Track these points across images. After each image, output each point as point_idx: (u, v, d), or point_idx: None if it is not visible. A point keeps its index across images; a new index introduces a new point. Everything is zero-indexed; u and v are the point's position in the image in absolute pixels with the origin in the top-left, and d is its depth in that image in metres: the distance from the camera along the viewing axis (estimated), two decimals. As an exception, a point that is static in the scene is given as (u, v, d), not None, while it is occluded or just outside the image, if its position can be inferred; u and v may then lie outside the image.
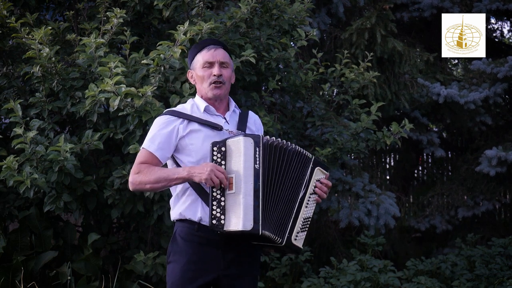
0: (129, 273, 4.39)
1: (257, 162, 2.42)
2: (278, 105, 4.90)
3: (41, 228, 4.44)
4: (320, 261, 5.63)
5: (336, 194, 5.30)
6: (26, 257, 4.37)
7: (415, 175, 8.00)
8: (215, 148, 2.44)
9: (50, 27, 4.08)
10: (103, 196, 4.06)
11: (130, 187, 2.54)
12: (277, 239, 2.43)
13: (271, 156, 2.46)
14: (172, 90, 4.01)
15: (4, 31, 4.33)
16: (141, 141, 3.81)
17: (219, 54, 2.58)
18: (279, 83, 4.57)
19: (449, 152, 7.65)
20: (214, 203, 2.42)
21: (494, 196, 6.35)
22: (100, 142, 3.91)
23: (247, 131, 2.61)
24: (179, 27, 3.85)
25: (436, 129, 7.60)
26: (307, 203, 2.51)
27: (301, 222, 2.48)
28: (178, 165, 2.56)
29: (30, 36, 3.98)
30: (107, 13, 4.13)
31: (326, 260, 5.57)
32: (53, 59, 3.95)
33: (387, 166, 8.02)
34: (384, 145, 4.73)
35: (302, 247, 2.53)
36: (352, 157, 6.18)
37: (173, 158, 2.58)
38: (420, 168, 8.08)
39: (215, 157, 2.43)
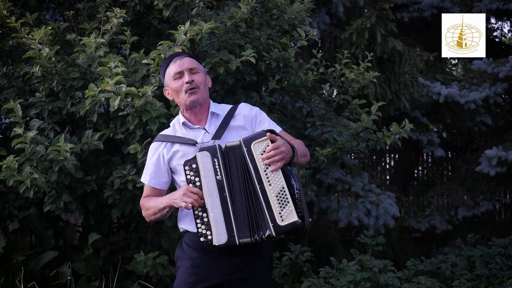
0: (129, 273, 4.39)
1: (218, 173, 2.40)
2: (278, 105, 4.90)
3: (41, 228, 4.44)
4: (320, 261, 5.63)
5: (336, 194, 5.31)
6: (26, 257, 4.37)
7: (415, 175, 8.00)
8: (186, 167, 2.45)
9: (50, 27, 4.07)
10: (103, 196, 4.06)
11: (147, 220, 2.72)
12: (263, 236, 2.37)
13: (229, 161, 2.42)
14: (172, 90, 4.01)
15: (4, 31, 4.32)
16: (141, 141, 3.82)
17: (185, 62, 2.59)
18: (279, 83, 4.57)
19: (449, 152, 7.65)
20: (198, 221, 2.43)
21: (494, 196, 6.34)
22: (100, 142, 3.91)
23: (230, 132, 2.57)
24: (179, 27, 3.85)
25: (436, 129, 7.60)
26: (268, 181, 2.36)
27: (276, 201, 2.35)
28: (179, 185, 2.62)
29: (30, 36, 3.98)
30: (107, 13, 4.13)
31: (326, 260, 5.57)
32: (53, 59, 3.94)
33: (387, 166, 8.02)
34: (384, 145, 4.72)
35: (297, 219, 2.33)
36: (352, 157, 6.18)
37: (174, 179, 2.65)
38: (420, 168, 8.08)
39: (188, 176, 2.45)
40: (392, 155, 8.00)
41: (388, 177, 7.90)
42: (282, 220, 2.34)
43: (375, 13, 5.90)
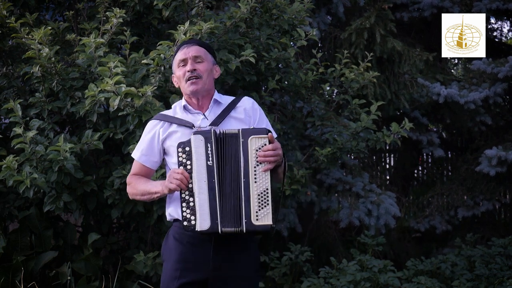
0: (129, 273, 4.39)
1: (210, 159, 2.39)
2: (278, 105, 4.90)
3: (41, 228, 4.44)
4: (320, 261, 5.62)
5: (336, 194, 5.31)
6: (26, 257, 4.37)
7: (415, 175, 8.00)
8: (179, 149, 2.43)
9: (50, 27, 4.08)
10: (103, 196, 4.06)
11: (130, 197, 2.68)
12: (237, 229, 2.38)
13: (223, 149, 2.42)
14: (172, 90, 4.02)
15: (4, 31, 4.32)
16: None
17: (191, 50, 2.59)
18: (279, 83, 4.57)
19: (449, 152, 7.64)
20: (184, 204, 2.42)
21: (494, 196, 6.34)
22: (100, 142, 3.91)
23: (229, 122, 2.57)
24: (179, 27, 3.85)
25: (436, 129, 7.60)
26: (255, 178, 2.38)
27: (257, 200, 2.37)
28: (170, 168, 2.60)
29: (30, 36, 3.98)
30: (107, 13, 4.13)
31: (326, 260, 5.57)
32: (53, 59, 3.95)
33: (387, 166, 8.02)
34: (384, 145, 4.73)
35: (272, 223, 2.38)
36: (352, 157, 6.18)
37: (164, 161, 2.63)
38: (420, 168, 8.08)
39: (180, 158, 2.43)
40: (392, 155, 7.99)
41: (388, 177, 7.90)
42: (257, 220, 2.37)
43: (375, 13, 5.89)
